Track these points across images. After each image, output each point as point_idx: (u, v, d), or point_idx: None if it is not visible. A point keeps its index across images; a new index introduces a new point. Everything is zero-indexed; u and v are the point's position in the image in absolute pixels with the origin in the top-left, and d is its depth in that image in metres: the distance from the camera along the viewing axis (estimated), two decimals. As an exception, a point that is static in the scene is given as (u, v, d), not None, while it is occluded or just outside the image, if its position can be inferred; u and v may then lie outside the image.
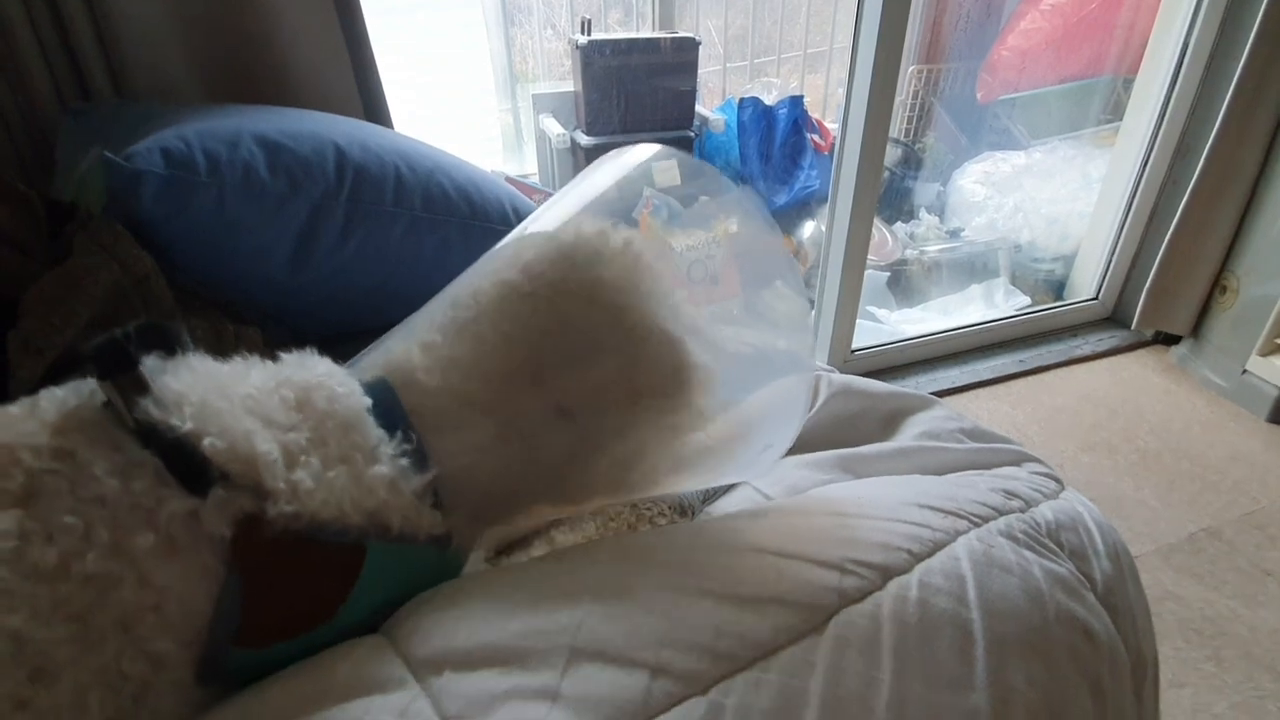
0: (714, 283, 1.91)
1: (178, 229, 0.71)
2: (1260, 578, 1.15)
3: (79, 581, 0.30)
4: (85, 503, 0.30)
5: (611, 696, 0.29)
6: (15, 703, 0.28)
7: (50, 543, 0.29)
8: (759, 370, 0.48)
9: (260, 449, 0.33)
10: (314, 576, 0.34)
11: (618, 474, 0.39)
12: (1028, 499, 0.47)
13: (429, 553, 0.38)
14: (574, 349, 0.38)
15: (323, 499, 0.34)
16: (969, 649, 0.34)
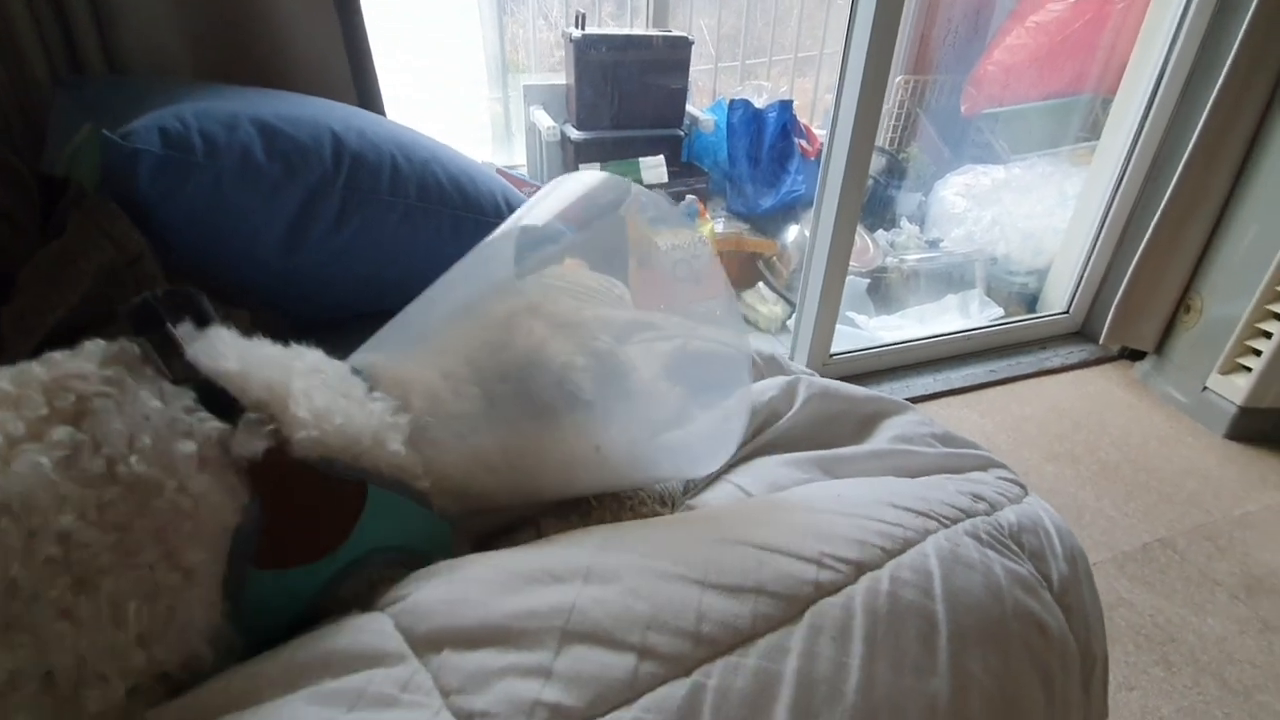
0: (697, 282, 1.93)
1: (172, 210, 0.71)
2: (1209, 587, 1.20)
3: (124, 486, 0.32)
4: (131, 418, 0.34)
5: (601, 676, 0.31)
6: (59, 611, 0.31)
7: (98, 452, 0.32)
8: (712, 364, 0.52)
9: (289, 382, 0.37)
10: (324, 507, 0.38)
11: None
12: (993, 502, 0.49)
13: (417, 510, 0.41)
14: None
15: (338, 423, 0.37)
16: (933, 638, 0.37)
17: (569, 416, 0.44)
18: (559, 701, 0.30)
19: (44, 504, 0.31)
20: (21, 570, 0.30)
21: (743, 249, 1.98)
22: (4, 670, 0.29)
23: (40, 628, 0.30)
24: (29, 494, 0.31)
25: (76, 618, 0.31)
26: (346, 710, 0.29)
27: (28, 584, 0.30)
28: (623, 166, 1.86)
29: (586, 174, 0.73)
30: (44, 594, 0.30)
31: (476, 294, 0.54)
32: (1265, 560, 1.24)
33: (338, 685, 0.30)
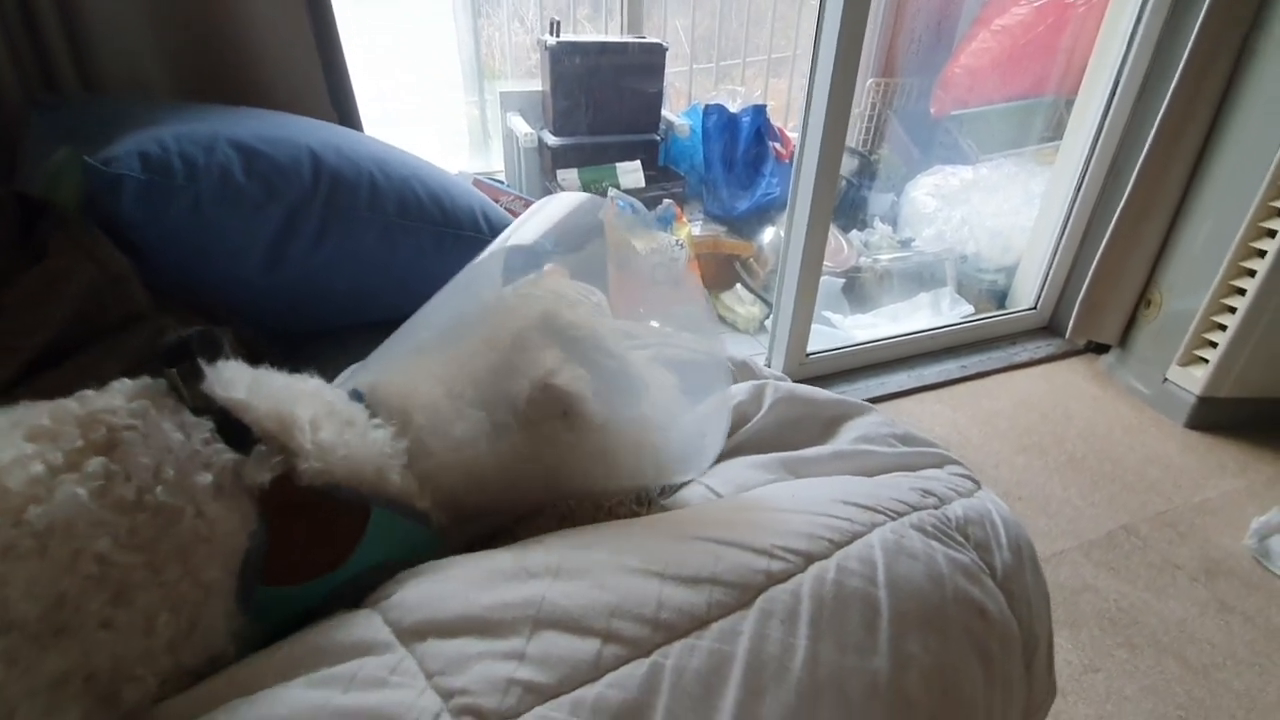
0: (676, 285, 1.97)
1: (154, 232, 0.73)
2: (1170, 571, 1.25)
3: (150, 512, 0.37)
4: (156, 450, 0.38)
5: (569, 658, 0.34)
6: (101, 621, 0.35)
7: (128, 480, 0.37)
8: (695, 374, 0.55)
9: (296, 413, 0.41)
10: (328, 529, 0.42)
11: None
12: (942, 497, 0.53)
13: (416, 528, 0.45)
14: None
15: (342, 455, 0.41)
16: (875, 621, 0.40)
17: (575, 446, 0.47)
18: (531, 679, 0.33)
19: (83, 529, 0.35)
20: (69, 585, 0.34)
21: (720, 251, 2.01)
22: (57, 670, 0.33)
23: (85, 635, 0.34)
24: (71, 520, 0.35)
25: (115, 627, 0.35)
26: (341, 692, 0.32)
27: (74, 597, 0.34)
28: (600, 172, 1.89)
29: (572, 194, 0.76)
30: (87, 606, 0.35)
31: (476, 308, 0.56)
32: (1223, 544, 1.29)
33: (332, 672, 0.34)
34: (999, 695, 0.44)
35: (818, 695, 0.36)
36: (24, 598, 0.33)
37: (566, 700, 0.33)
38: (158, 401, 0.40)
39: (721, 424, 0.56)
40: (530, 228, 0.67)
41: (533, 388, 0.46)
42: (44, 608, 0.33)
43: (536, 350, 0.48)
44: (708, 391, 0.57)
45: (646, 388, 0.52)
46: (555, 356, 0.47)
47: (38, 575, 0.33)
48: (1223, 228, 1.44)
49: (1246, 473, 1.46)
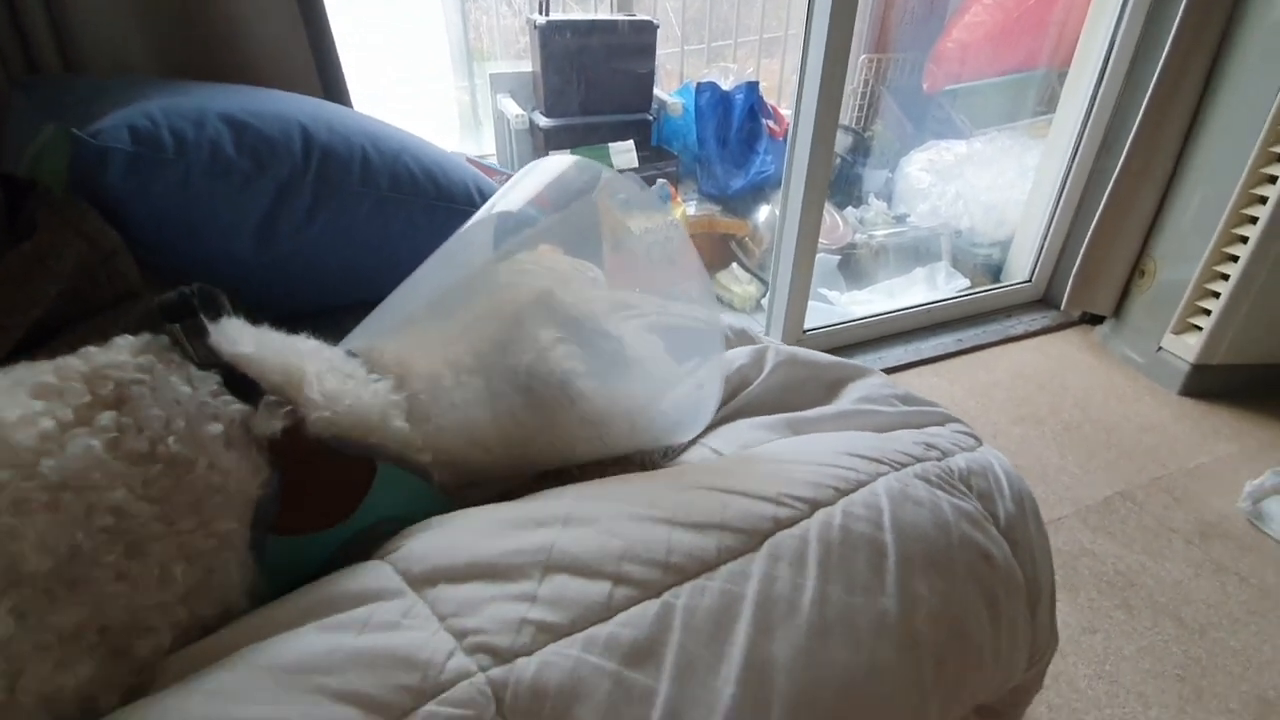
0: (671, 264, 1.97)
1: (143, 207, 0.72)
2: (1166, 535, 1.26)
3: (164, 463, 0.37)
4: (165, 402, 0.37)
5: (580, 599, 0.34)
6: (115, 573, 0.35)
7: (140, 433, 0.36)
8: (690, 340, 0.56)
9: (303, 366, 0.41)
10: (336, 480, 0.42)
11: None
12: (945, 450, 0.53)
13: (420, 485, 0.46)
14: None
15: (348, 404, 0.41)
16: (881, 564, 0.40)
17: (569, 411, 0.48)
18: (544, 619, 0.34)
19: (98, 481, 0.35)
20: (83, 538, 0.34)
21: (715, 230, 2.01)
22: (70, 624, 0.33)
23: (99, 588, 0.34)
24: (85, 472, 0.34)
25: (130, 579, 0.35)
26: (355, 635, 0.32)
27: (88, 550, 0.34)
28: (592, 152, 1.88)
29: (558, 158, 0.75)
30: (101, 558, 0.34)
31: (468, 278, 0.56)
32: (1217, 507, 1.31)
33: (344, 617, 0.34)
34: (1005, 638, 0.45)
35: (827, 632, 0.37)
36: (36, 551, 0.33)
37: (579, 638, 0.33)
38: (162, 356, 0.40)
39: (715, 388, 0.57)
40: (518, 193, 0.66)
41: (531, 363, 0.46)
42: (57, 561, 0.33)
43: (535, 327, 0.48)
44: (703, 356, 0.57)
45: (640, 361, 0.53)
46: (551, 335, 0.47)
47: (50, 528, 0.33)
48: (1215, 195, 1.45)
49: (1240, 438, 1.47)
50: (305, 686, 0.30)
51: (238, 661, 0.32)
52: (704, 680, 0.34)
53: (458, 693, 0.31)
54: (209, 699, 0.30)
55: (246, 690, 0.30)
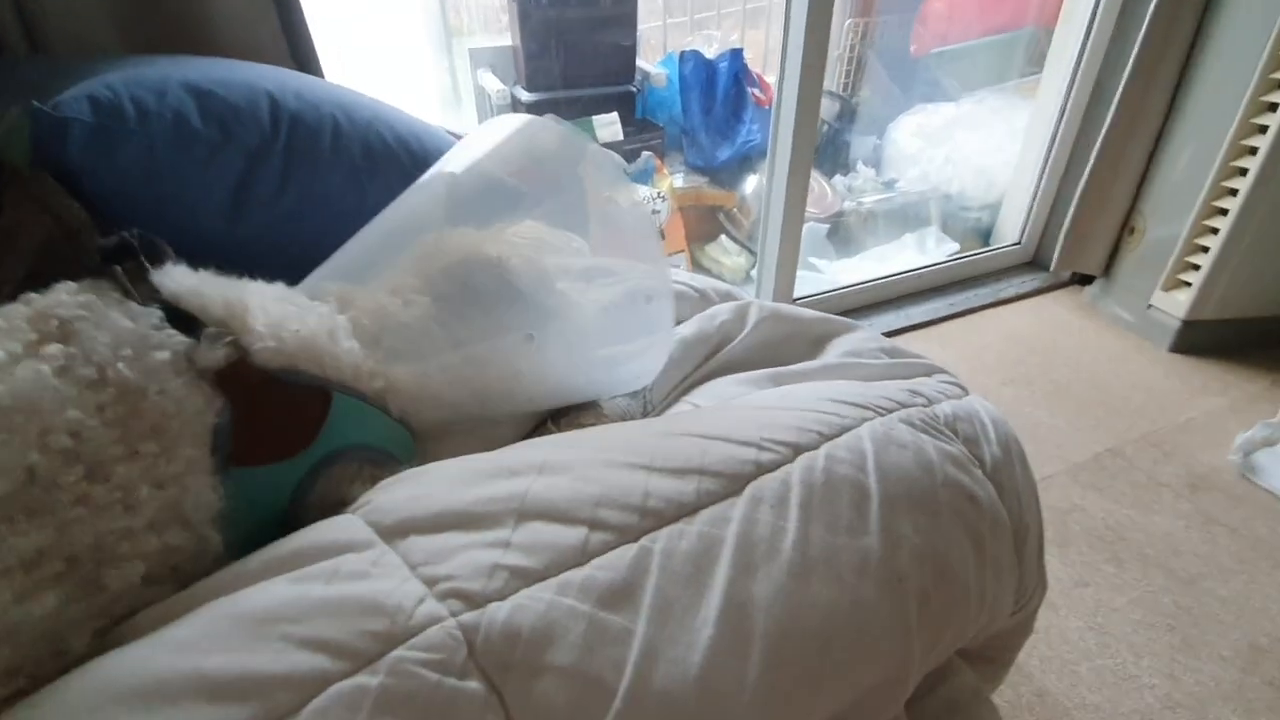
0: (660, 237, 1.96)
1: (108, 180, 0.70)
2: (1155, 489, 1.27)
3: (115, 388, 0.37)
4: (109, 335, 0.38)
5: (555, 544, 0.34)
6: (76, 497, 0.35)
7: (89, 362, 0.37)
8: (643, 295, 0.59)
9: (245, 299, 0.42)
10: (291, 410, 0.42)
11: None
12: (930, 398, 0.53)
13: (376, 413, 0.46)
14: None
15: (294, 329, 0.42)
16: (865, 504, 0.40)
17: (508, 308, 0.49)
18: (517, 564, 0.33)
19: (49, 404, 0.35)
20: (39, 458, 0.34)
21: (703, 202, 1.99)
22: (30, 549, 0.33)
23: (60, 512, 0.34)
24: (35, 396, 0.34)
25: (92, 503, 0.35)
26: (324, 584, 0.32)
27: (45, 472, 0.34)
28: (577, 126, 1.85)
29: (510, 117, 0.73)
30: (61, 481, 0.34)
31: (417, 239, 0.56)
32: (1206, 460, 1.32)
33: (313, 569, 0.33)
34: (990, 577, 0.45)
35: (809, 572, 0.36)
36: None
37: (553, 582, 0.33)
38: (104, 296, 0.40)
39: (666, 337, 0.58)
40: (475, 151, 0.65)
41: (467, 254, 0.50)
42: (12, 485, 0.33)
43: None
44: (655, 308, 0.58)
45: (581, 309, 0.54)
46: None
47: (2, 450, 0.33)
48: (1204, 149, 1.44)
49: (1229, 391, 1.47)
50: (272, 635, 0.29)
51: (205, 614, 0.32)
52: (682, 621, 0.33)
53: (427, 637, 0.30)
54: (177, 650, 0.29)
55: (214, 641, 0.29)
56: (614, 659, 0.31)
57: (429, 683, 0.29)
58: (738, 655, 0.33)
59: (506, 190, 0.67)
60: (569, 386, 0.54)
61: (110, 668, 0.29)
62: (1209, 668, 0.99)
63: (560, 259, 0.58)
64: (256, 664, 0.28)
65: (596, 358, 0.53)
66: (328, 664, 0.29)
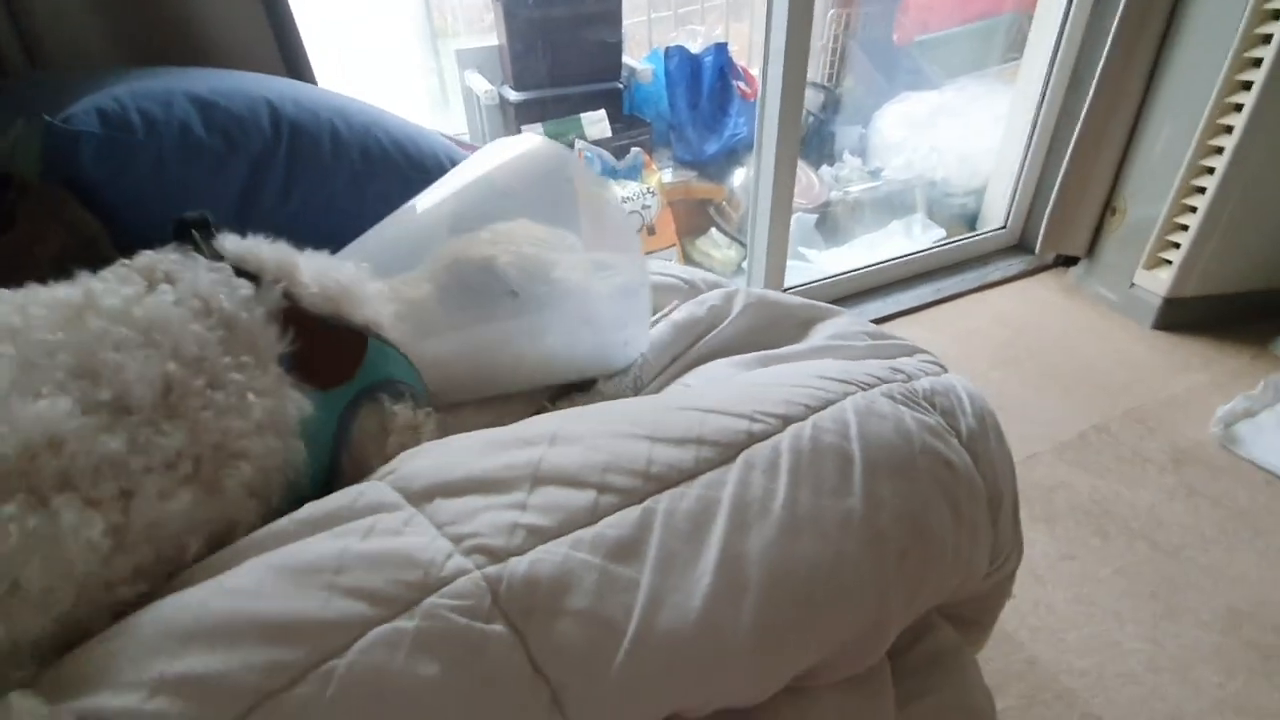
0: (650, 232, 2.00)
1: (118, 191, 0.72)
2: (1140, 463, 1.31)
3: (217, 316, 0.45)
4: (203, 275, 0.46)
5: (567, 505, 0.37)
6: (203, 404, 0.41)
7: (196, 295, 0.45)
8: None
9: (295, 259, 0.52)
10: (337, 348, 0.51)
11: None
12: (910, 374, 0.56)
13: (403, 357, 0.54)
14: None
15: (335, 278, 0.52)
16: (848, 470, 0.43)
17: (497, 301, 0.56)
18: (534, 523, 0.36)
19: (177, 322, 0.42)
20: (175, 368, 0.40)
21: (692, 196, 2.02)
22: (171, 450, 0.39)
23: (191, 416, 0.40)
24: (165, 317, 0.42)
25: (215, 408, 0.41)
26: (360, 539, 0.35)
27: (179, 380, 0.40)
28: (564, 124, 1.87)
29: (522, 138, 0.77)
30: (190, 387, 0.41)
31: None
32: (1189, 434, 1.36)
33: (350, 526, 0.37)
34: (966, 538, 0.48)
35: (797, 529, 0.40)
36: (139, 382, 0.39)
37: (567, 539, 0.36)
38: (186, 255, 0.47)
39: (644, 314, 0.64)
40: (479, 173, 0.70)
41: (458, 255, 0.58)
42: (156, 392, 0.39)
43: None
44: (633, 293, 0.64)
45: (575, 295, 0.61)
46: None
47: (148, 363, 0.39)
48: (1182, 129, 1.47)
49: (1211, 366, 1.51)
50: (317, 584, 0.33)
51: (254, 565, 0.35)
52: (683, 571, 0.37)
53: (457, 586, 0.34)
54: (229, 595, 0.33)
55: (262, 588, 0.33)
56: (624, 604, 0.35)
57: (459, 625, 0.32)
58: (733, 601, 0.36)
59: (504, 200, 0.71)
60: (567, 363, 0.61)
61: (171, 610, 0.33)
62: (1190, 632, 1.03)
63: (558, 254, 0.61)
64: (307, 609, 0.31)
65: (591, 336, 0.60)
66: (368, 610, 0.32)
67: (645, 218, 1.84)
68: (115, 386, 0.38)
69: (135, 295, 0.42)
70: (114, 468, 0.37)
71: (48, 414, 0.35)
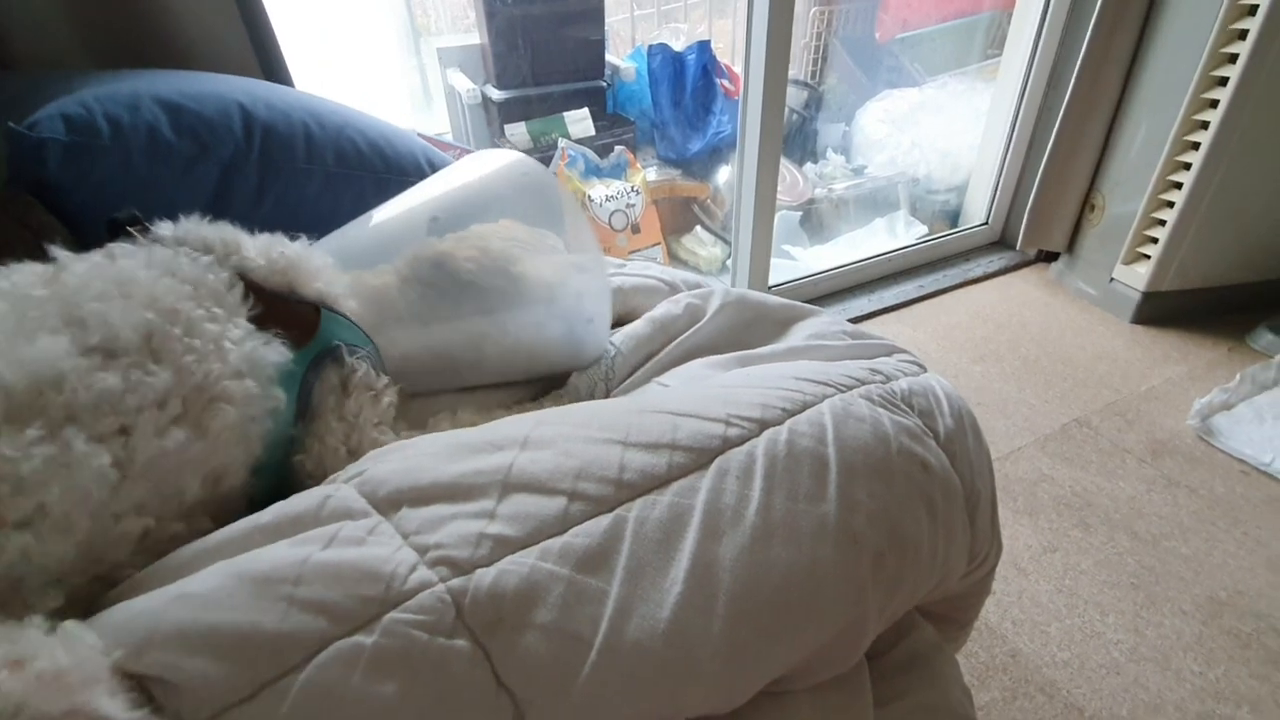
0: (635, 231, 2.00)
1: (87, 196, 0.71)
2: (1119, 455, 1.32)
3: (181, 276, 0.46)
4: (159, 251, 0.48)
5: (536, 514, 0.37)
6: (184, 348, 0.43)
7: (156, 265, 0.46)
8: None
9: (238, 236, 0.53)
10: (292, 315, 0.52)
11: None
12: (889, 375, 0.56)
13: (359, 330, 0.56)
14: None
15: (280, 251, 0.54)
16: (824, 474, 0.43)
17: (459, 293, 0.58)
18: (501, 533, 0.36)
19: (146, 278, 0.45)
20: (153, 316, 0.43)
21: (677, 195, 2.01)
22: (161, 386, 0.41)
23: (174, 359, 0.42)
24: (135, 273, 0.44)
25: (195, 351, 0.43)
26: (321, 548, 0.35)
27: (159, 327, 0.43)
28: (548, 124, 1.86)
29: (500, 152, 0.76)
30: (170, 332, 0.43)
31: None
32: (1168, 425, 1.37)
33: (314, 533, 0.36)
34: (943, 539, 0.48)
35: (770, 535, 0.39)
36: (124, 327, 0.41)
37: (535, 549, 0.36)
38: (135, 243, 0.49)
39: (606, 301, 0.66)
40: (455, 183, 0.70)
41: (416, 252, 0.60)
42: (139, 335, 0.42)
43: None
44: (593, 283, 0.66)
45: (539, 288, 0.62)
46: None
47: (128, 310, 0.42)
48: (1158, 125, 1.49)
49: (1189, 359, 1.53)
50: (276, 595, 0.32)
51: (216, 571, 0.34)
52: (654, 581, 0.36)
53: (419, 601, 0.33)
54: (184, 603, 0.32)
55: (219, 597, 0.32)
56: (591, 616, 0.34)
57: (420, 641, 0.32)
58: (704, 610, 0.36)
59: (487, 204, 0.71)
60: (534, 355, 0.62)
61: (127, 616, 0.32)
62: (1171, 621, 1.04)
63: (526, 251, 0.62)
64: (264, 622, 0.31)
65: (558, 327, 0.61)
66: (327, 625, 0.31)
67: (630, 216, 1.84)
68: (102, 331, 0.40)
69: (103, 261, 0.45)
70: (112, 405, 0.39)
71: (49, 352, 0.38)
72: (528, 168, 0.69)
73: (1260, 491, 1.23)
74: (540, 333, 0.61)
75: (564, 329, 0.62)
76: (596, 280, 0.66)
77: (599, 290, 0.65)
